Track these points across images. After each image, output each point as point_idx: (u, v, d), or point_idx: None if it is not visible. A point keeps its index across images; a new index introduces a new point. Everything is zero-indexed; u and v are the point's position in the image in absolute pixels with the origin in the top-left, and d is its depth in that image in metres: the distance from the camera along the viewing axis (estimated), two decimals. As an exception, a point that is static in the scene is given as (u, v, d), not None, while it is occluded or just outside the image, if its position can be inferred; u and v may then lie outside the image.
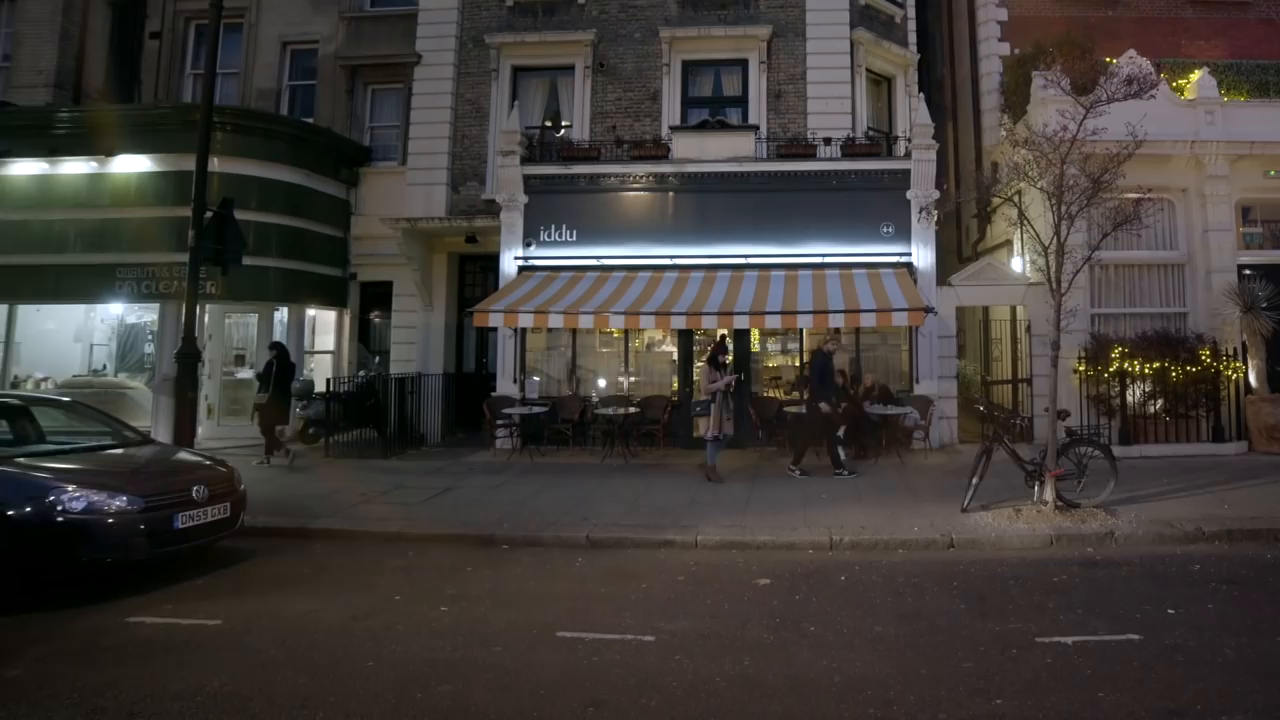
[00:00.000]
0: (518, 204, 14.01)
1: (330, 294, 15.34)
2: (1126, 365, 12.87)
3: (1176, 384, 12.87)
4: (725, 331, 12.95)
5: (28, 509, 6.20)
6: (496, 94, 15.42)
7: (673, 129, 14.46)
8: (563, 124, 15.59)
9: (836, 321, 12.31)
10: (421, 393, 13.91)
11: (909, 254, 13.74)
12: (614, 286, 13.26)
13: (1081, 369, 12.90)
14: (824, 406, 11.13)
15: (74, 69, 15.73)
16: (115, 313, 15.19)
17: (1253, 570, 7.02)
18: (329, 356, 15.70)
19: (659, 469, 11.95)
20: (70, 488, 6.40)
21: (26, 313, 14.79)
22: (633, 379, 14.33)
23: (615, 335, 14.30)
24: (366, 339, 16.04)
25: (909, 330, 13.52)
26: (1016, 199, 11.53)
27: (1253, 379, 13.03)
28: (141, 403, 14.31)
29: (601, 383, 14.56)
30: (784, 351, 14.85)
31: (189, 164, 10.91)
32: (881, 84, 16.29)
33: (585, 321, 12.34)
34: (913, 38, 16.41)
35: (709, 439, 11.19)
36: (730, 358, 12.15)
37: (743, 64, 15.34)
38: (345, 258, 15.59)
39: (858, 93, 15.13)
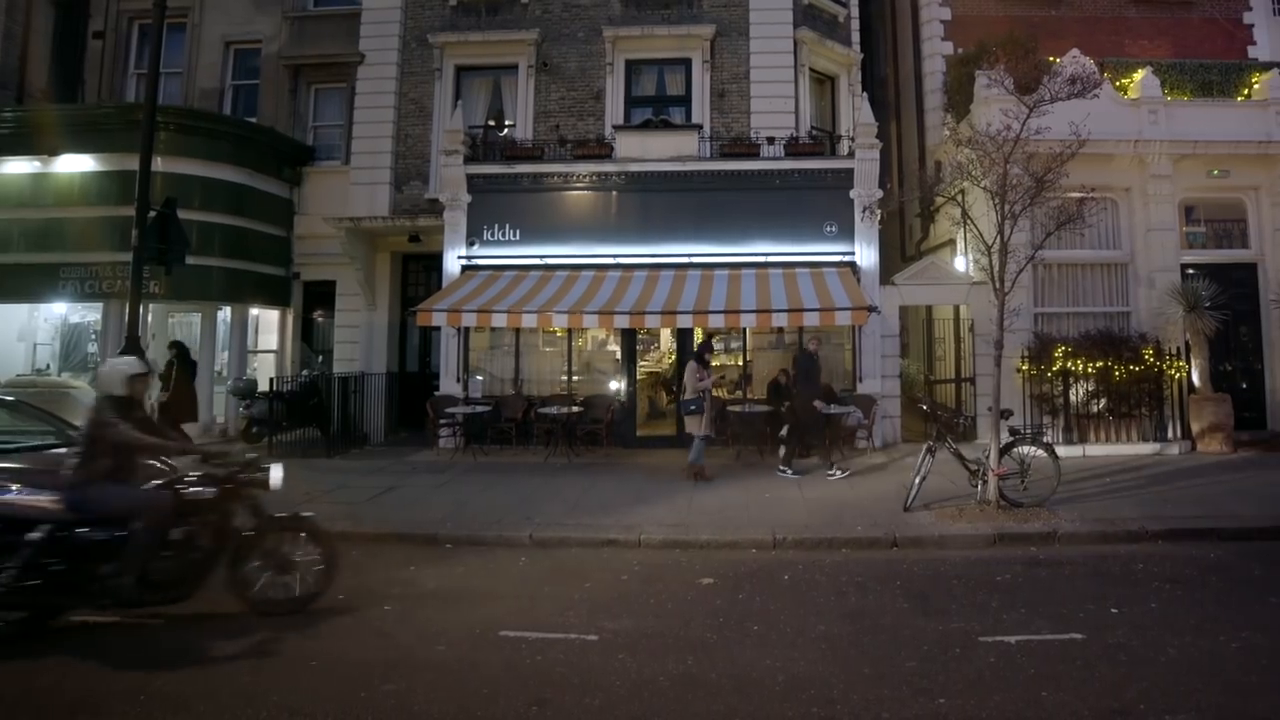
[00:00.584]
0: (461, 203, 13.96)
1: (273, 293, 15.27)
2: (1070, 364, 12.88)
3: (1120, 383, 12.89)
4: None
5: (-31, 508, 6.07)
6: (440, 93, 15.40)
7: (616, 128, 14.44)
8: (506, 123, 15.57)
9: (780, 321, 12.31)
10: (365, 392, 13.83)
11: (852, 253, 13.73)
12: (557, 286, 13.23)
13: (1025, 368, 12.90)
14: (819, 404, 11.08)
15: (17, 68, 15.71)
16: (59, 312, 15.07)
17: (1196, 569, 7.05)
18: (272, 356, 15.63)
19: (602, 468, 11.90)
20: (14, 486, 6.22)
21: (-30, 312, 14.64)
22: (576, 378, 14.25)
23: (559, 334, 14.25)
24: (310, 338, 15.99)
25: (852, 329, 13.51)
26: (960, 198, 11.55)
27: (1196, 378, 13.02)
28: (85, 402, 14.06)
29: (545, 382, 14.48)
30: (727, 351, 14.81)
31: (132, 163, 10.87)
32: (825, 83, 16.32)
33: (528, 321, 12.30)
34: (856, 37, 16.45)
35: (699, 438, 11.07)
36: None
37: (686, 63, 15.35)
38: (288, 257, 15.53)
39: (801, 92, 15.16)
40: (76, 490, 5.44)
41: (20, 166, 13.94)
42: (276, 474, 5.97)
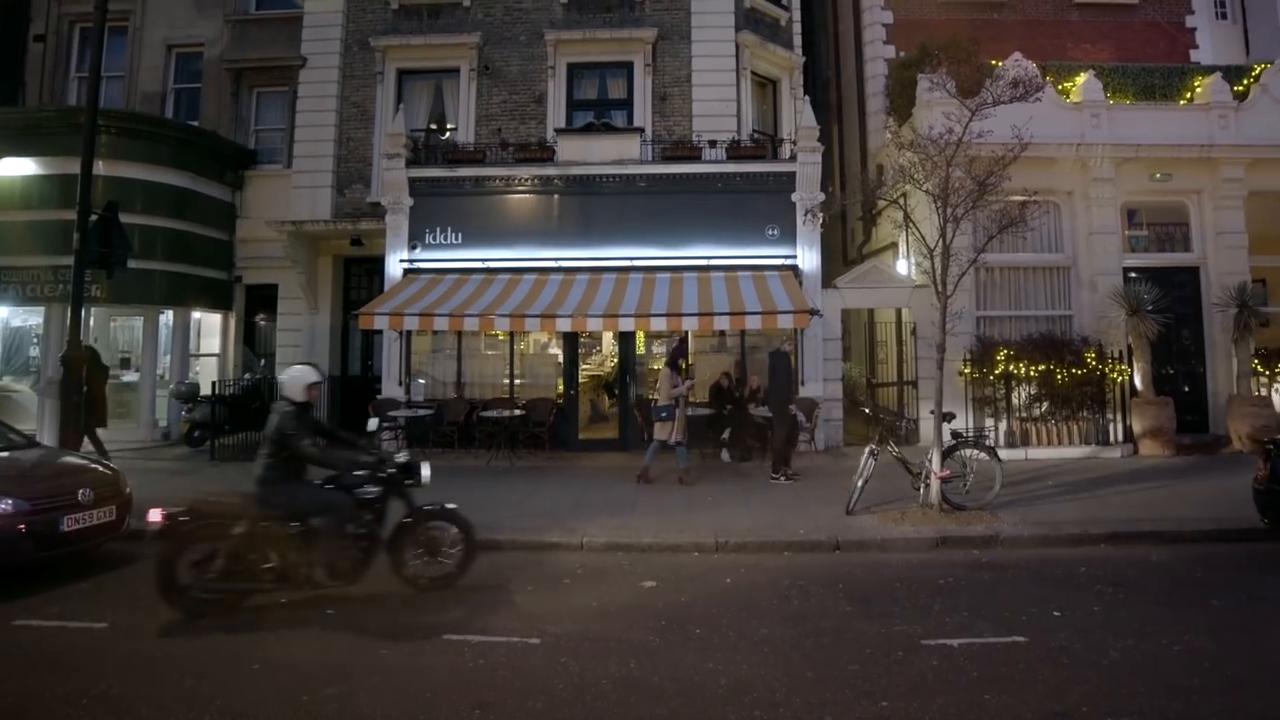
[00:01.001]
0: (403, 207, 13.93)
1: (215, 297, 15.24)
2: (1012, 368, 12.87)
3: (1062, 386, 12.90)
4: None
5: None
6: (382, 97, 15.37)
7: (558, 132, 14.42)
8: (448, 127, 15.55)
9: (722, 324, 12.33)
10: (307, 396, 13.76)
11: (794, 256, 13.75)
12: (499, 289, 13.21)
13: (967, 371, 12.88)
14: (793, 408, 11.06)
15: (-44, 72, 15.68)
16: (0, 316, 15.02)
17: (1138, 572, 7.07)
18: (214, 360, 15.59)
19: (545, 471, 11.91)
20: None
21: (-89, 316, 14.58)
22: (519, 382, 14.22)
23: (501, 338, 14.23)
24: (252, 342, 15.93)
25: (794, 332, 13.46)
26: (902, 201, 11.54)
27: (1138, 382, 13.03)
28: (27, 406, 14.13)
29: (487, 386, 14.44)
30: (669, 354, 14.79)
31: (74, 167, 10.78)
32: (767, 86, 16.31)
33: (470, 324, 12.29)
34: (798, 40, 16.45)
35: (673, 444, 11.06)
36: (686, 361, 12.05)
37: (628, 67, 15.34)
38: (230, 261, 15.49)
39: (743, 95, 15.15)
40: (267, 488, 6.20)
41: (-39, 170, 13.87)
42: (426, 472, 6.70)
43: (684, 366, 11.55)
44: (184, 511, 6.10)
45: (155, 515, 6.02)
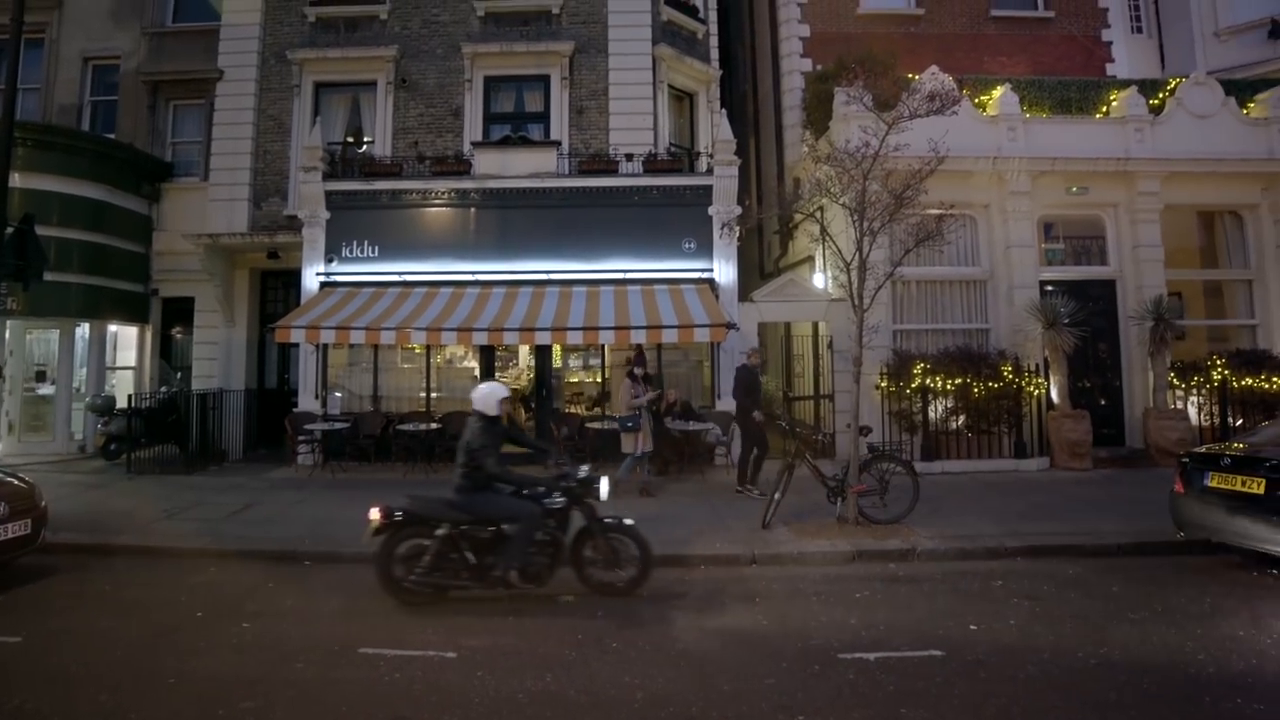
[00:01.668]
0: (320, 220, 13.90)
1: (132, 310, 15.16)
2: (929, 381, 12.85)
3: (979, 400, 12.85)
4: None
5: None
6: (299, 110, 15.33)
7: (475, 145, 14.41)
8: (365, 140, 15.51)
9: (639, 338, 12.31)
10: (223, 409, 13.73)
11: (711, 270, 13.74)
12: (416, 303, 13.19)
13: (884, 385, 12.86)
14: (757, 415, 10.97)
15: None
16: (-84, 328, 14.95)
17: (1054, 585, 7.07)
18: (131, 372, 15.49)
19: None
20: None
21: None
22: (435, 395, 14.17)
23: (417, 351, 14.17)
24: (169, 355, 15.82)
25: (711, 346, 13.50)
26: (819, 215, 11.48)
27: (1055, 395, 13.03)
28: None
29: (404, 399, 14.39)
30: (586, 368, 14.80)
31: None
32: (684, 100, 16.31)
33: (387, 338, 12.27)
34: (715, 54, 16.47)
35: (637, 455, 11.03)
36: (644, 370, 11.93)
37: (545, 80, 15.32)
38: (147, 273, 15.40)
39: (660, 108, 15.15)
40: (464, 495, 6.69)
41: (-127, 184, 13.83)
42: (605, 486, 7.06)
43: (643, 376, 11.48)
44: (397, 511, 6.72)
45: (374, 513, 6.68)
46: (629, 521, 7.07)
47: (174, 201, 15.62)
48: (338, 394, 14.17)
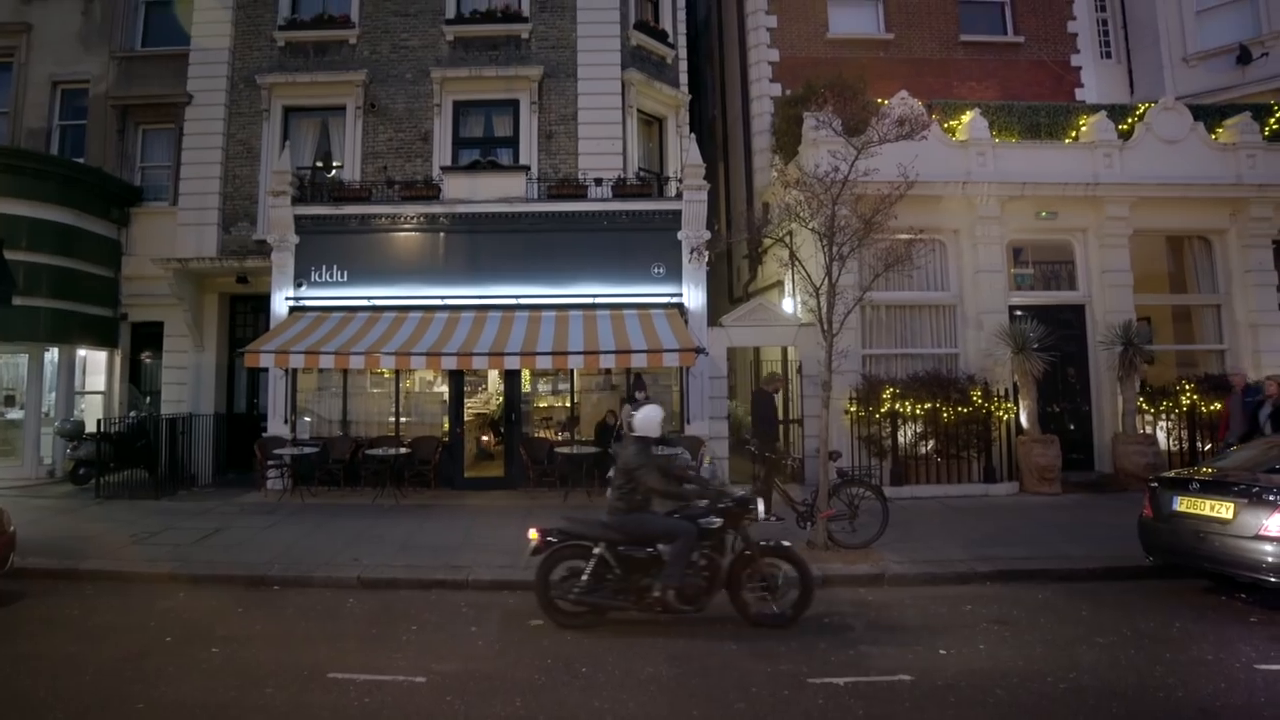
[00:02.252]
0: (289, 245, 13.86)
1: (101, 334, 15.12)
2: (898, 406, 12.85)
3: (948, 425, 12.87)
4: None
5: None
6: (268, 134, 15.30)
7: (444, 169, 14.39)
8: (334, 164, 15.48)
9: (608, 362, 12.33)
10: (193, 433, 13.70)
11: (680, 294, 13.74)
12: (385, 327, 13.18)
13: (853, 410, 12.85)
14: (779, 446, 11.00)
15: None
16: (-117, 351, 14.90)
17: (1024, 610, 7.11)
18: (100, 397, 15.43)
19: (430, 509, 11.85)
20: None
21: None
22: (404, 419, 14.14)
23: (386, 376, 14.14)
24: (138, 379, 15.79)
25: (680, 371, 13.50)
26: (788, 240, 11.53)
27: (1024, 419, 13.03)
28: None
29: (373, 423, 14.36)
30: (555, 392, 14.77)
31: None
32: (653, 124, 16.32)
33: (356, 362, 12.23)
34: (684, 78, 16.48)
35: None
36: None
37: (514, 104, 15.31)
38: (116, 298, 15.36)
39: (629, 133, 15.14)
40: (620, 516, 6.72)
41: None
42: (761, 508, 7.13)
43: (645, 400, 11.49)
44: (554, 532, 6.84)
45: (532, 534, 6.86)
46: (786, 544, 7.06)
47: (143, 226, 15.58)
48: (307, 419, 14.16)
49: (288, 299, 13.89)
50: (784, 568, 6.91)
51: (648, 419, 6.94)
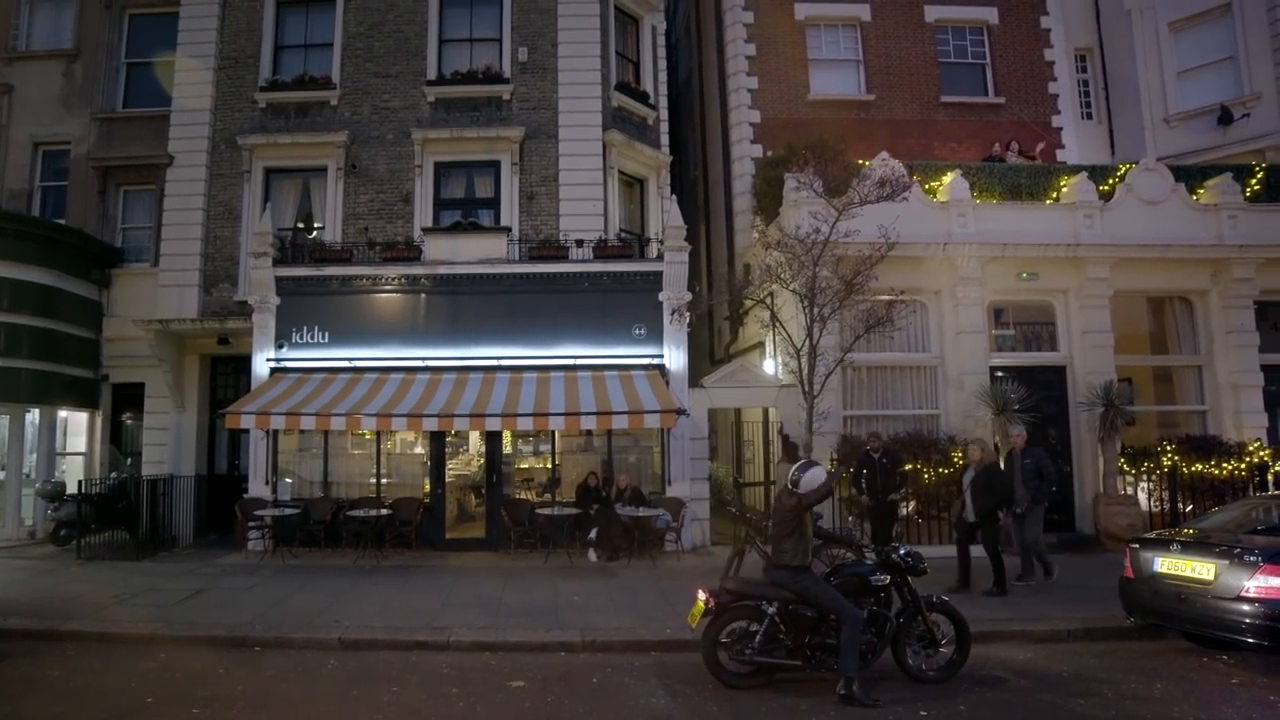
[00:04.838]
0: (270, 306, 13.87)
1: (82, 395, 15.11)
2: None
3: (929, 485, 12.84)
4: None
5: None
6: (249, 195, 15.29)
7: (425, 231, 14.42)
8: (315, 225, 15.50)
9: (589, 424, 12.40)
10: (174, 494, 13.67)
11: (661, 355, 13.76)
12: (366, 388, 13.21)
13: (834, 470, 12.81)
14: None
15: None
16: None
17: (1005, 672, 7.28)
18: (81, 458, 15.44)
19: (412, 570, 11.85)
20: None
21: None
22: (385, 481, 14.15)
23: (368, 437, 14.15)
24: (119, 440, 15.77)
25: (661, 432, 13.51)
26: (769, 301, 11.54)
27: (1005, 480, 12.99)
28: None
29: (354, 484, 14.35)
30: (536, 454, 14.78)
31: None
32: (634, 185, 16.34)
33: (337, 424, 12.31)
34: (665, 139, 16.52)
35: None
36: None
37: (495, 165, 15.34)
38: (97, 359, 15.35)
39: (610, 194, 15.15)
40: (791, 573, 6.68)
41: None
42: (924, 564, 7.18)
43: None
44: (723, 591, 6.82)
45: (700, 595, 6.78)
46: (946, 597, 7.15)
47: (124, 287, 15.57)
48: (288, 480, 14.17)
49: (269, 360, 13.89)
50: (944, 623, 6.98)
51: (814, 478, 6.89)
